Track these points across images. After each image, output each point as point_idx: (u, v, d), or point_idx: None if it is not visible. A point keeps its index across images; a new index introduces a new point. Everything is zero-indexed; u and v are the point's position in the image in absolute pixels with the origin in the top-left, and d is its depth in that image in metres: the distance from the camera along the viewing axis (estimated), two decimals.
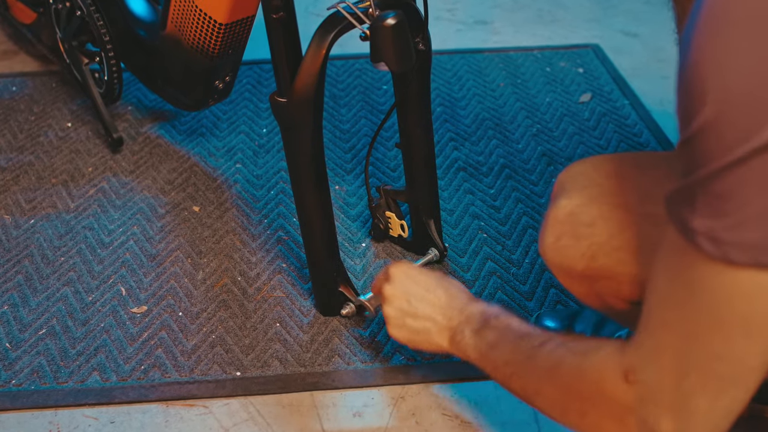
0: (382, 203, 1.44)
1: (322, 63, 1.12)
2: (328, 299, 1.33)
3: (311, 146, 1.18)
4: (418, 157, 1.36)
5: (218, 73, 1.54)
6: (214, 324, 1.34)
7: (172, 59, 1.55)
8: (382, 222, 1.46)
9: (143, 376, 1.25)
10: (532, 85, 1.97)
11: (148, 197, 1.61)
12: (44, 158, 1.72)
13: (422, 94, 1.29)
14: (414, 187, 1.39)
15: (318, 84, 1.13)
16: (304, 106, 1.14)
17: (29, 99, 1.91)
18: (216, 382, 1.24)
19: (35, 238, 1.51)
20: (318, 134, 1.18)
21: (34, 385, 1.24)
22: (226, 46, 1.45)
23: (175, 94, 1.63)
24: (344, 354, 1.28)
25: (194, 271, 1.44)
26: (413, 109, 1.31)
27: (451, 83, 1.98)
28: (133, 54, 1.69)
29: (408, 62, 1.14)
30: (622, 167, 0.93)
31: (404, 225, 1.45)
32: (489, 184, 1.65)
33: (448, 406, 1.21)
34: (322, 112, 1.17)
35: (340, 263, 1.30)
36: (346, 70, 2.02)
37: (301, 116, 1.15)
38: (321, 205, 1.24)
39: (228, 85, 1.59)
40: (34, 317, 1.35)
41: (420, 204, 1.40)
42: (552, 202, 0.96)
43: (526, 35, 2.23)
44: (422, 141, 1.34)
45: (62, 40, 1.77)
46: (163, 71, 1.62)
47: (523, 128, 1.82)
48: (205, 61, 1.47)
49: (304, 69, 1.12)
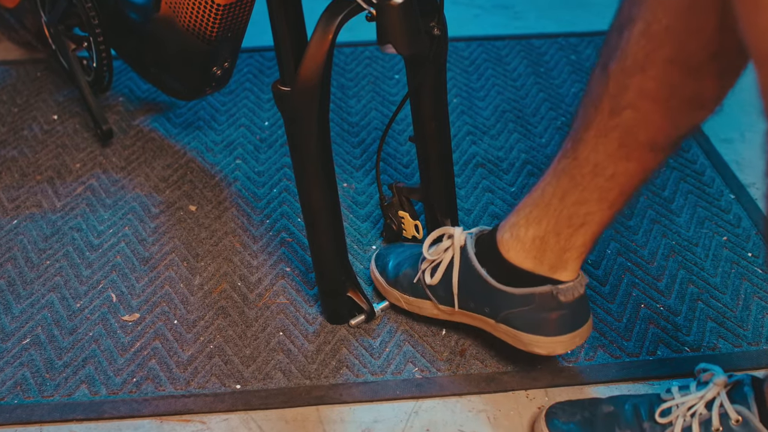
0: (394, 202, 1.44)
1: (329, 48, 1.12)
2: (335, 306, 1.33)
3: (317, 139, 1.18)
4: (433, 151, 1.35)
5: (216, 59, 1.54)
6: (212, 333, 1.34)
7: (166, 44, 1.56)
8: (395, 222, 1.45)
9: (135, 389, 1.25)
10: (557, 75, 1.97)
11: (141, 196, 1.61)
12: (28, 153, 1.72)
13: (438, 84, 1.29)
14: (429, 184, 1.39)
15: (325, 71, 1.13)
16: (310, 95, 1.14)
17: (12, 89, 1.92)
18: (214, 396, 1.24)
19: (18, 239, 1.51)
20: (325, 126, 1.18)
21: (17, 399, 1.24)
22: (225, 29, 1.45)
23: (170, 82, 1.63)
24: (353, 365, 1.28)
25: (191, 276, 1.44)
26: (428, 100, 1.30)
27: (468, 72, 1.97)
28: (124, 39, 1.69)
29: (417, 44, 1.14)
30: None
31: (418, 226, 1.44)
32: (510, 182, 1.64)
33: (465, 422, 1.21)
34: (329, 103, 1.17)
35: (349, 267, 1.30)
36: (355, 58, 2.02)
37: (306, 106, 1.15)
38: (328, 204, 1.24)
39: (227, 71, 1.59)
40: (17, 325, 1.35)
41: (435, 203, 1.39)
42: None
43: (550, 20, 2.22)
44: (438, 134, 1.34)
45: (48, 24, 1.78)
46: (156, 57, 1.62)
47: (546, 121, 1.81)
48: (201, 45, 1.47)
49: (309, 55, 1.12)
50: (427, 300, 1.29)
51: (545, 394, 1.25)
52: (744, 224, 1.53)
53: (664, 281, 1.42)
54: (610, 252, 1.47)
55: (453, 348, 1.30)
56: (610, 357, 1.29)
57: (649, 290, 1.40)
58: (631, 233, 1.51)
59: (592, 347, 1.30)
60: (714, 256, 1.47)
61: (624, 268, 1.44)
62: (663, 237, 1.51)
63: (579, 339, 1.19)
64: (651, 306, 1.38)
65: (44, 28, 1.79)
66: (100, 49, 1.69)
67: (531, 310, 1.17)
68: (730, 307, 1.37)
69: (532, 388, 1.25)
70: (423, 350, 1.30)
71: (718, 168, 1.66)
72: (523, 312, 1.17)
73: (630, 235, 1.51)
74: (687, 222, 1.54)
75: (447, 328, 1.33)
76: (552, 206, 1.12)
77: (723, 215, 1.55)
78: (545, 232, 1.13)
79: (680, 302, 1.38)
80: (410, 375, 1.27)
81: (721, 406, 1.07)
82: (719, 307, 1.37)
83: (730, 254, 1.47)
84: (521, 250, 1.16)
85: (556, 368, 1.27)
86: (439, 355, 1.29)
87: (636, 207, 1.57)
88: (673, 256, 1.47)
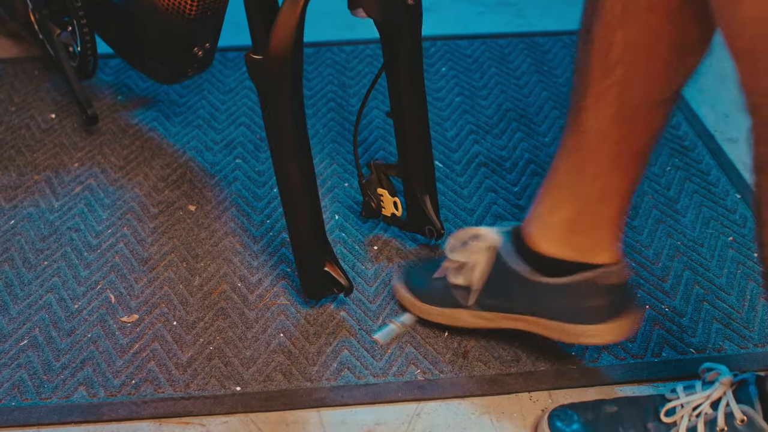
0: (372, 179, 1.44)
1: (300, 14, 1.12)
2: (313, 281, 1.33)
3: (291, 111, 1.18)
4: (410, 126, 1.35)
5: (196, 38, 1.54)
6: (211, 334, 1.34)
7: (146, 24, 1.57)
8: (374, 200, 1.46)
9: (134, 392, 1.25)
10: (561, 73, 1.97)
11: (140, 195, 1.61)
12: (26, 152, 1.72)
13: (413, 56, 1.29)
14: (407, 159, 1.39)
15: (296, 37, 1.13)
16: (282, 62, 1.14)
17: (9, 88, 1.91)
18: (214, 398, 1.24)
19: (16, 240, 1.51)
20: (298, 96, 1.19)
21: (14, 402, 1.24)
22: (205, 7, 1.46)
23: (152, 64, 1.64)
24: (354, 367, 1.28)
25: (190, 277, 1.44)
26: (404, 73, 1.31)
27: (471, 71, 1.97)
28: (106, 22, 1.70)
29: (388, 9, 1.14)
30: None
31: (397, 203, 1.45)
32: (513, 182, 1.64)
33: (467, 425, 1.21)
34: (302, 71, 1.18)
35: (326, 242, 1.31)
36: (356, 56, 2.02)
37: (279, 75, 1.15)
38: (304, 178, 1.24)
39: (208, 52, 1.59)
40: (14, 327, 1.35)
41: (414, 179, 1.40)
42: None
43: (554, 18, 2.22)
44: (415, 108, 1.34)
45: (33, 10, 1.79)
46: (138, 39, 1.63)
47: (550, 120, 1.81)
48: (181, 24, 1.48)
49: (280, 21, 1.12)
50: (463, 309, 1.27)
51: (548, 396, 1.25)
52: (750, 224, 1.53)
53: (669, 282, 1.42)
54: None
55: (455, 350, 1.30)
56: (615, 358, 1.29)
57: (653, 291, 1.40)
58: (635, 233, 1.51)
59: (596, 348, 1.30)
60: (720, 257, 1.47)
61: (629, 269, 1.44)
62: (668, 237, 1.50)
63: (628, 325, 1.18)
64: (656, 307, 1.37)
65: (30, 15, 1.81)
66: (83, 32, 1.70)
67: (574, 299, 1.16)
68: (736, 308, 1.37)
69: (535, 390, 1.25)
70: (425, 352, 1.30)
71: (723, 168, 1.66)
72: (566, 303, 1.17)
73: (635, 235, 1.51)
74: (692, 222, 1.54)
75: (450, 330, 1.33)
76: (570, 186, 1.12)
77: (729, 215, 1.55)
78: (571, 214, 1.13)
79: (685, 303, 1.38)
80: (412, 377, 1.27)
81: (726, 406, 1.07)
82: (725, 308, 1.37)
83: (736, 255, 1.47)
84: (553, 240, 1.15)
85: (560, 370, 1.27)
86: (441, 357, 1.29)
87: (641, 207, 1.57)
88: (678, 256, 1.47)
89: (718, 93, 1.88)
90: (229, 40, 2.04)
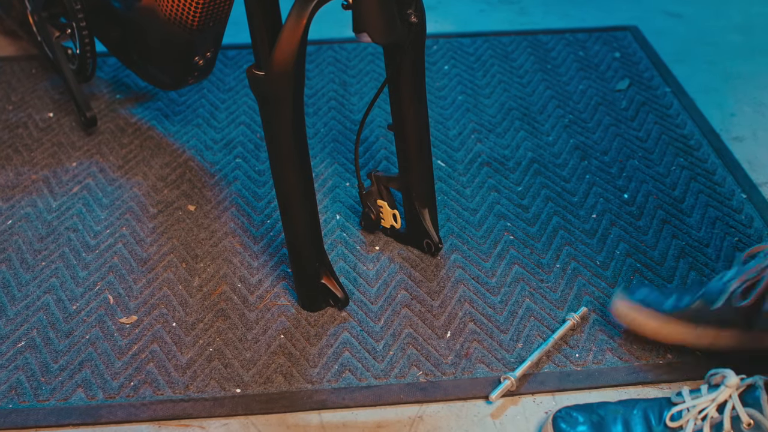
0: (373, 191, 1.45)
1: (303, 33, 1.14)
2: (310, 293, 1.35)
3: (292, 124, 1.20)
4: (411, 139, 1.36)
5: (198, 48, 1.54)
6: (211, 336, 1.34)
7: (148, 33, 1.57)
8: (373, 211, 1.46)
9: (133, 394, 1.25)
10: (564, 71, 1.97)
11: (139, 195, 1.61)
12: (23, 152, 1.72)
13: (416, 71, 1.30)
14: (407, 173, 1.40)
15: (299, 55, 1.15)
16: (284, 79, 1.16)
17: (6, 86, 1.91)
18: (214, 400, 1.24)
19: (13, 240, 1.51)
20: (299, 109, 1.20)
21: (12, 404, 1.24)
22: (207, 18, 1.46)
23: (153, 72, 1.64)
24: (356, 369, 1.28)
25: (189, 277, 1.44)
26: (405, 88, 1.32)
27: (473, 69, 1.97)
28: (107, 27, 1.70)
29: (393, 33, 1.15)
30: None
31: (397, 215, 1.46)
32: (516, 181, 1.64)
33: (470, 427, 1.20)
34: (303, 86, 1.19)
35: (323, 254, 1.32)
36: (357, 55, 2.02)
37: (280, 91, 1.17)
38: (302, 189, 1.25)
39: (209, 61, 1.59)
40: (11, 328, 1.35)
41: (414, 192, 1.41)
42: None
43: (557, 16, 2.22)
44: (416, 122, 1.35)
45: (32, 12, 1.79)
46: (139, 46, 1.63)
47: (553, 119, 1.81)
48: (183, 34, 1.48)
49: (283, 39, 1.14)
50: (733, 329, 1.23)
51: (553, 399, 1.24)
52: (756, 224, 1.53)
53: (675, 283, 1.42)
54: (620, 252, 1.47)
55: (458, 351, 1.30)
56: (619, 360, 1.29)
57: None
58: (640, 233, 1.51)
59: (600, 350, 1.30)
60: (725, 258, 1.47)
61: (633, 269, 1.44)
62: (673, 237, 1.50)
63: None
64: None
65: (29, 16, 1.81)
66: (83, 35, 1.70)
67: None
68: None
69: (539, 392, 1.25)
70: (427, 353, 1.30)
71: (729, 167, 1.66)
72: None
73: (639, 235, 1.51)
74: (698, 222, 1.54)
75: (452, 331, 1.33)
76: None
77: (734, 215, 1.55)
78: None
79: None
80: (414, 379, 1.27)
81: (733, 410, 1.07)
82: None
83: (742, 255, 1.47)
84: None
85: (564, 372, 1.27)
86: (443, 359, 1.29)
87: (645, 207, 1.57)
88: (684, 257, 1.46)
89: (724, 92, 1.88)
90: (229, 38, 2.04)
